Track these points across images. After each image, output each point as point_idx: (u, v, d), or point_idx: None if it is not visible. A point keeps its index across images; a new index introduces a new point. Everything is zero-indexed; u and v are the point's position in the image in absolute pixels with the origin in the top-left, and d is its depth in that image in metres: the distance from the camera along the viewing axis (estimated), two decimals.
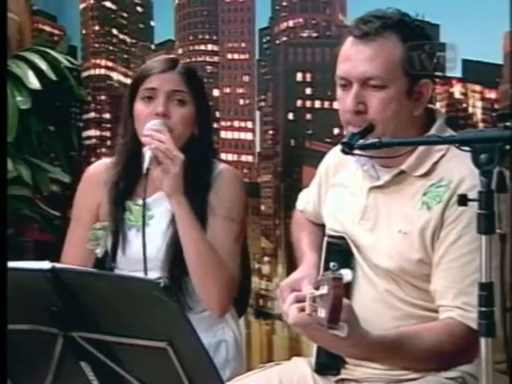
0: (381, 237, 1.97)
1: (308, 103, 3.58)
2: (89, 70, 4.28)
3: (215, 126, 3.65)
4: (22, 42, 3.94)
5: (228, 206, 2.34)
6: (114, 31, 4.24)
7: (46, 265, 1.67)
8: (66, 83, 3.72)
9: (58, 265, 1.69)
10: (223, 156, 3.75)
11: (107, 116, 4.26)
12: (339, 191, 2.12)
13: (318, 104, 3.54)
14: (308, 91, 3.58)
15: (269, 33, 3.73)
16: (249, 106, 3.79)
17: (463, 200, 1.58)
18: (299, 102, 3.60)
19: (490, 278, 1.53)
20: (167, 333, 1.66)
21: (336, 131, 3.32)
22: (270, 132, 3.74)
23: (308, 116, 3.58)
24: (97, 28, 4.28)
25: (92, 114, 4.29)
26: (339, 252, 2.03)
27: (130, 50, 4.20)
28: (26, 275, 1.71)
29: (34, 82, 3.52)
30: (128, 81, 4.16)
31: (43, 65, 3.60)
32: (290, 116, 3.65)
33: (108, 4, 4.25)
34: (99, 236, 2.43)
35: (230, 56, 3.85)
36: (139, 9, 4.21)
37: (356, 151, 1.81)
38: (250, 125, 3.79)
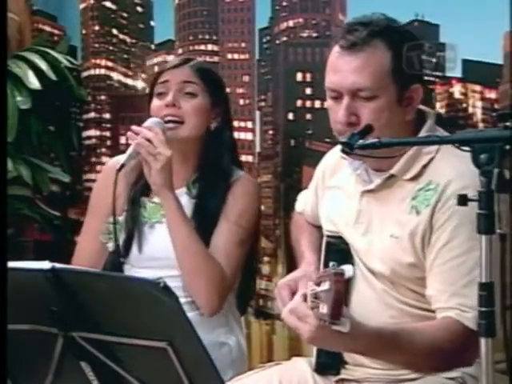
0: (374, 241, 1.96)
1: (308, 103, 3.58)
2: (89, 70, 4.28)
3: None
4: (22, 41, 3.94)
5: (239, 212, 2.35)
6: (114, 31, 4.24)
7: (45, 265, 1.67)
8: (66, 83, 3.72)
9: (57, 265, 1.69)
10: None
11: (107, 116, 4.26)
12: (335, 193, 2.12)
13: (317, 104, 3.54)
14: (308, 91, 3.58)
15: (269, 33, 3.73)
16: (249, 106, 3.79)
17: (463, 200, 1.57)
18: (299, 102, 3.60)
19: (490, 278, 1.53)
20: (167, 333, 1.66)
21: None
22: (270, 132, 3.74)
23: (308, 116, 3.59)
24: (97, 28, 4.28)
25: (92, 114, 4.29)
26: (338, 252, 2.03)
27: (130, 50, 4.20)
28: (25, 275, 1.71)
29: (34, 82, 3.52)
30: (128, 81, 4.17)
31: (43, 65, 3.60)
32: (290, 116, 3.65)
33: (108, 4, 4.25)
34: (112, 230, 2.43)
35: (230, 56, 3.85)
36: (139, 9, 4.21)
37: (355, 151, 1.80)
38: (250, 125, 3.79)
